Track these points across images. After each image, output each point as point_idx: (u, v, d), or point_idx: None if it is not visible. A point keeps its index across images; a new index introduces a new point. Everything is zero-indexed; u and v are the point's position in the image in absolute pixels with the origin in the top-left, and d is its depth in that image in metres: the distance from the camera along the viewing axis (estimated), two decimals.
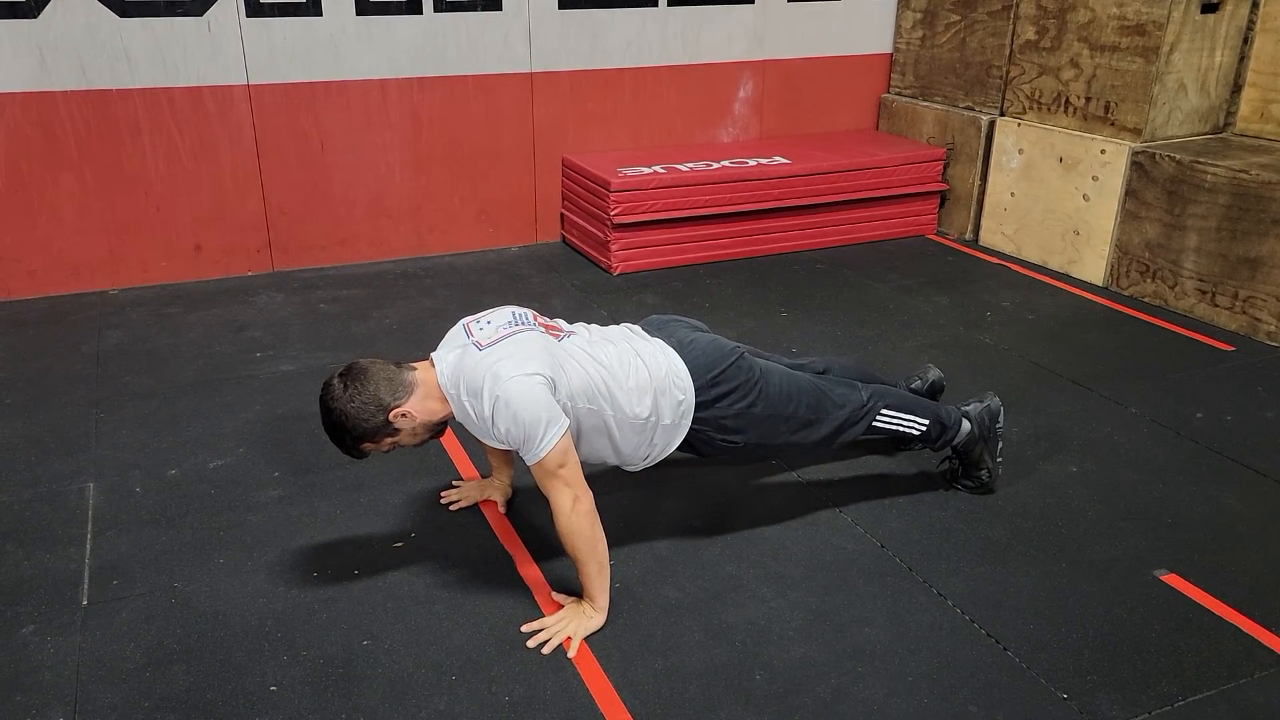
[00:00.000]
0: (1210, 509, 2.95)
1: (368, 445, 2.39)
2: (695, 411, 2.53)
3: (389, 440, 2.39)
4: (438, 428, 2.46)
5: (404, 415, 2.34)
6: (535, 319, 2.49)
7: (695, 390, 2.51)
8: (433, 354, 2.45)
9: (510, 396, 2.24)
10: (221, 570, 2.62)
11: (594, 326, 2.63)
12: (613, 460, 2.57)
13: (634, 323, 2.69)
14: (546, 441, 2.25)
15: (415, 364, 2.43)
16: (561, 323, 2.58)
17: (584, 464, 2.41)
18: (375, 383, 2.32)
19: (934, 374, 3.20)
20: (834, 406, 2.71)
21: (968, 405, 2.96)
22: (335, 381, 2.34)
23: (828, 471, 3.13)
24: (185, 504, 2.92)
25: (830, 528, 2.84)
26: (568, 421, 2.30)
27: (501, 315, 2.47)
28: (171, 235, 4.65)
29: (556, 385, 2.32)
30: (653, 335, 2.60)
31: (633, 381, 2.45)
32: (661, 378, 2.48)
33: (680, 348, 2.56)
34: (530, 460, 2.29)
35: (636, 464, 2.60)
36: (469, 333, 2.42)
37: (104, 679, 2.24)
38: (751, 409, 2.58)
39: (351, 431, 2.34)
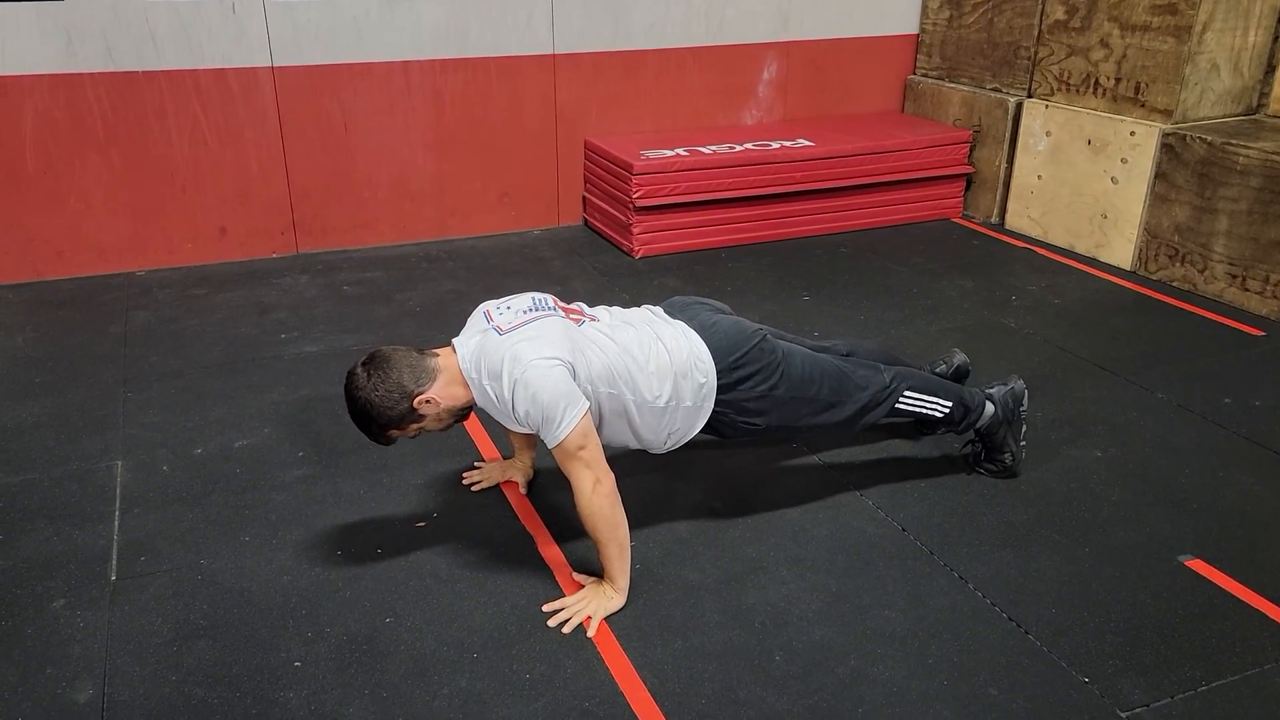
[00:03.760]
0: (1237, 494, 2.92)
1: (394, 432, 2.41)
2: (717, 394, 2.52)
3: (414, 426, 2.41)
4: (461, 413, 2.47)
5: (428, 401, 2.36)
6: (556, 304, 2.50)
7: (717, 373, 2.51)
8: (454, 340, 2.46)
9: (530, 379, 2.25)
10: (247, 548, 2.65)
11: (615, 309, 2.64)
12: (635, 444, 2.57)
13: (655, 305, 2.69)
14: (566, 423, 2.26)
15: (438, 350, 2.44)
16: (582, 306, 2.58)
17: (607, 447, 2.41)
18: (399, 370, 2.34)
19: (959, 358, 3.18)
20: (856, 389, 2.70)
21: (991, 388, 2.95)
22: (359, 370, 2.36)
23: (849, 455, 3.12)
24: (211, 483, 2.95)
25: (851, 511, 2.84)
26: (588, 403, 2.31)
27: (522, 301, 2.48)
28: (197, 217, 4.69)
29: (576, 370, 2.33)
30: (674, 317, 2.60)
31: (653, 365, 2.45)
32: (683, 361, 2.48)
33: (702, 330, 2.55)
34: (551, 442, 2.30)
35: (659, 447, 2.60)
36: (489, 318, 2.43)
37: (132, 653, 2.27)
38: (774, 391, 2.58)
39: (377, 419, 2.36)
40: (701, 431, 2.60)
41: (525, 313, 2.41)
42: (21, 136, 4.29)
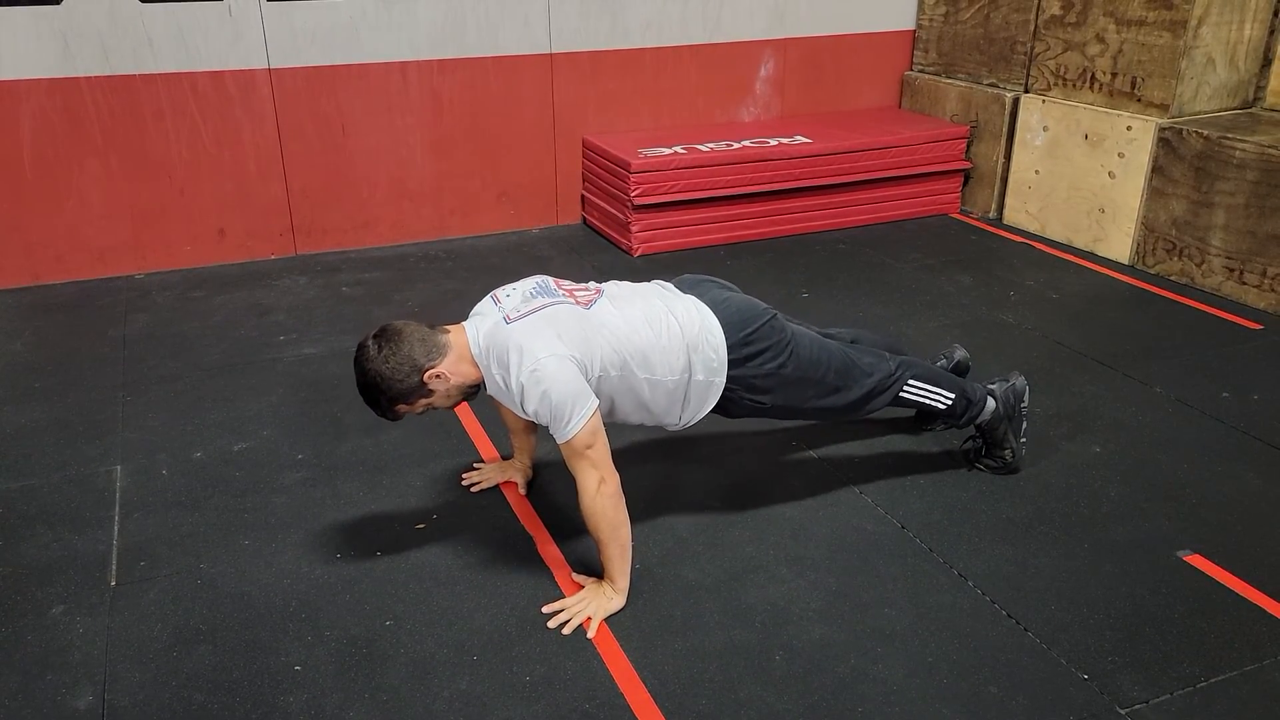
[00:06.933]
0: (1235, 489, 2.92)
1: (401, 407, 2.40)
2: (728, 369, 2.52)
3: (423, 401, 2.40)
4: (470, 390, 2.46)
5: (438, 376, 2.36)
6: (559, 286, 2.49)
7: (728, 348, 2.50)
8: (464, 322, 2.46)
9: (540, 376, 2.25)
10: (246, 551, 2.65)
11: (624, 284, 2.63)
12: (651, 420, 2.57)
13: (667, 280, 2.68)
14: (575, 422, 2.26)
15: (448, 326, 2.44)
16: (591, 285, 2.57)
17: (623, 425, 2.40)
18: (409, 344, 2.34)
19: (960, 354, 3.19)
20: (862, 375, 2.70)
21: (993, 384, 2.95)
22: (370, 343, 2.35)
23: (848, 452, 3.12)
24: (210, 486, 2.95)
25: (851, 508, 2.84)
26: (596, 402, 2.31)
27: (526, 284, 2.48)
28: (195, 220, 4.69)
29: (587, 363, 2.33)
30: (686, 293, 2.60)
31: (665, 339, 2.44)
32: (694, 334, 2.48)
33: (714, 305, 2.55)
34: (559, 439, 2.30)
35: (674, 423, 2.59)
36: (497, 301, 2.44)
37: (132, 658, 2.28)
38: (782, 370, 2.57)
39: (386, 392, 2.35)
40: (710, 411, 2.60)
41: (531, 296, 2.41)
42: (19, 141, 4.30)
